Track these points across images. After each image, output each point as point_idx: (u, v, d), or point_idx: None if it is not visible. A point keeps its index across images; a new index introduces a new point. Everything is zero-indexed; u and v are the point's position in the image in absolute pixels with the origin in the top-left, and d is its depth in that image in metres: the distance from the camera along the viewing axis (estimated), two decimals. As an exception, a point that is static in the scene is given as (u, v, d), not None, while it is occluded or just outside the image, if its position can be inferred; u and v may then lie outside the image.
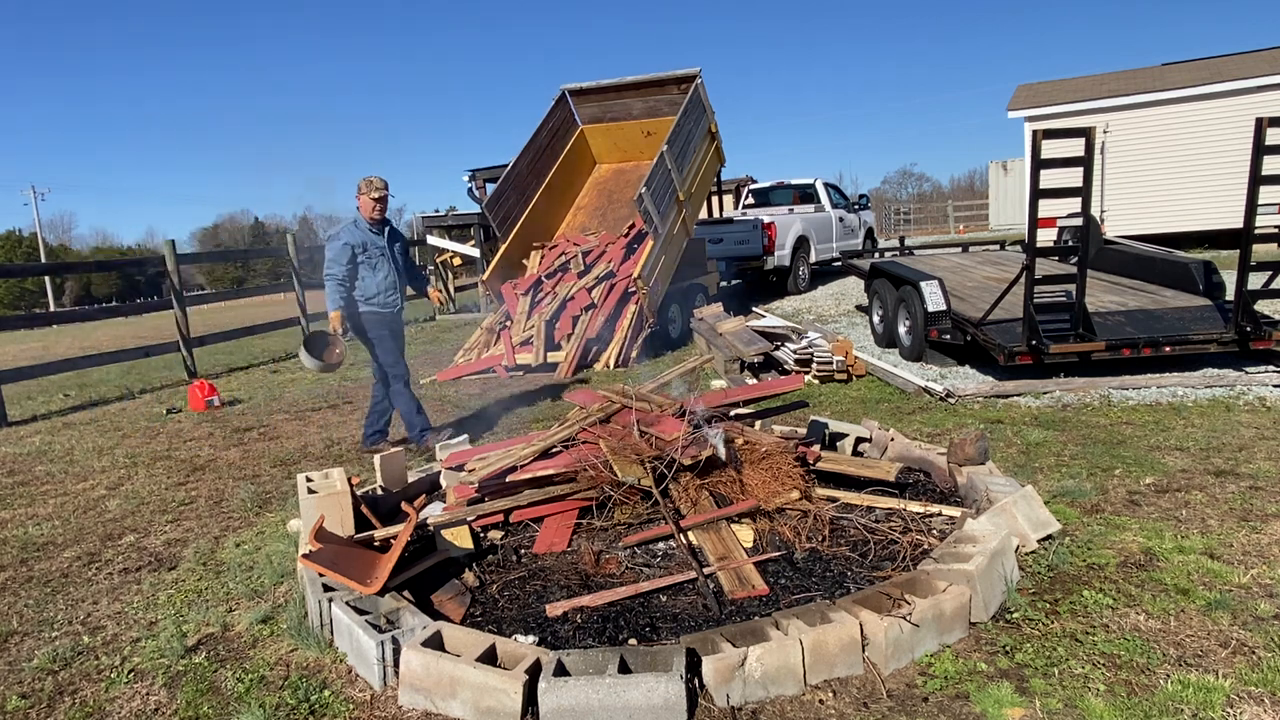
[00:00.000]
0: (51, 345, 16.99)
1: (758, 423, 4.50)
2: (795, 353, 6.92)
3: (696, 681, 2.40)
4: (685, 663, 2.35)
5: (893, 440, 4.34)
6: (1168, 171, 14.77)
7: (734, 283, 14.50)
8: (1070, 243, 8.29)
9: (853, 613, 2.58)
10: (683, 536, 3.25)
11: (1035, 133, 5.65)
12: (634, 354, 8.35)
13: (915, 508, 3.55)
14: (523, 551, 3.41)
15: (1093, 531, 3.43)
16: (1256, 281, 6.02)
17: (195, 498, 4.90)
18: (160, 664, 2.90)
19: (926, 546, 3.17)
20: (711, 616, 2.81)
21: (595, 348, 8.45)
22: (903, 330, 7.54)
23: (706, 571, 3.04)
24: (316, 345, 5.33)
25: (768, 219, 12.81)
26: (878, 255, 10.43)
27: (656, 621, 2.79)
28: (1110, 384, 5.88)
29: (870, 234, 16.64)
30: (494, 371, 8.50)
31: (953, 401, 5.82)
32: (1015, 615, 2.78)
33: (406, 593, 3.02)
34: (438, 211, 18.92)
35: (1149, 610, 2.78)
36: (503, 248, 9.96)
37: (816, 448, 4.11)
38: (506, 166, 10.25)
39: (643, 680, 2.28)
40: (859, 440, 4.43)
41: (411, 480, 4.24)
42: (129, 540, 4.24)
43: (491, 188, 10.60)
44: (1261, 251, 7.40)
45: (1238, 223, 5.83)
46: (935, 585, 2.75)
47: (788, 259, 13.06)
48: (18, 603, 3.53)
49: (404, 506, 3.25)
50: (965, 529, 3.11)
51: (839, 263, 12.28)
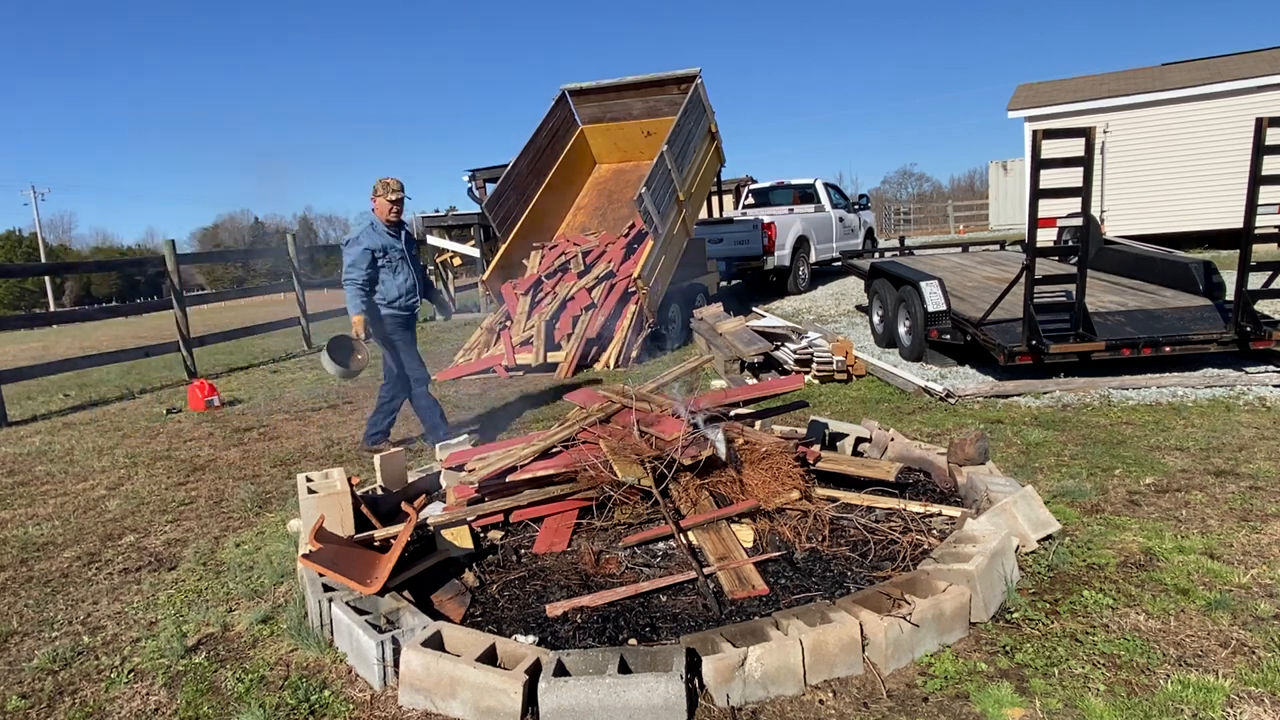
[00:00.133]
0: (51, 345, 16.98)
1: (758, 423, 4.50)
2: (795, 353, 6.92)
3: (696, 681, 2.40)
4: (685, 663, 2.35)
5: (893, 440, 4.34)
6: (1168, 171, 14.77)
7: (734, 283, 14.50)
8: (1070, 243, 8.28)
9: (853, 613, 2.58)
10: (683, 536, 3.25)
11: (1035, 133, 5.65)
12: (634, 354, 8.35)
13: (915, 508, 3.55)
14: (523, 551, 3.42)
15: (1093, 531, 3.43)
16: (1256, 281, 6.02)
17: (195, 498, 4.91)
18: (160, 664, 2.90)
19: (926, 546, 3.17)
20: (711, 616, 2.81)
21: (595, 348, 8.46)
22: (903, 330, 7.54)
23: (706, 571, 3.04)
24: (339, 350, 5.20)
25: (768, 219, 12.81)
26: (878, 255, 10.42)
27: (656, 621, 2.79)
28: (1110, 384, 5.88)
29: (870, 234, 16.64)
30: (494, 371, 8.50)
31: (953, 401, 5.82)
32: (1015, 615, 2.78)
33: (406, 593, 3.02)
34: (438, 211, 18.92)
35: (1149, 610, 2.78)
36: (503, 248, 9.97)
37: (816, 448, 4.11)
38: (506, 166, 10.25)
39: (643, 680, 2.28)
40: (859, 440, 4.43)
41: (411, 480, 4.24)
42: (129, 540, 4.24)
43: (491, 188, 10.60)
44: (1261, 251, 7.40)
45: (1238, 223, 5.83)
46: (935, 585, 2.75)
47: (788, 259, 13.07)
48: (18, 603, 3.53)
49: (404, 506, 3.25)
50: (965, 529, 3.11)
51: (839, 263, 12.28)
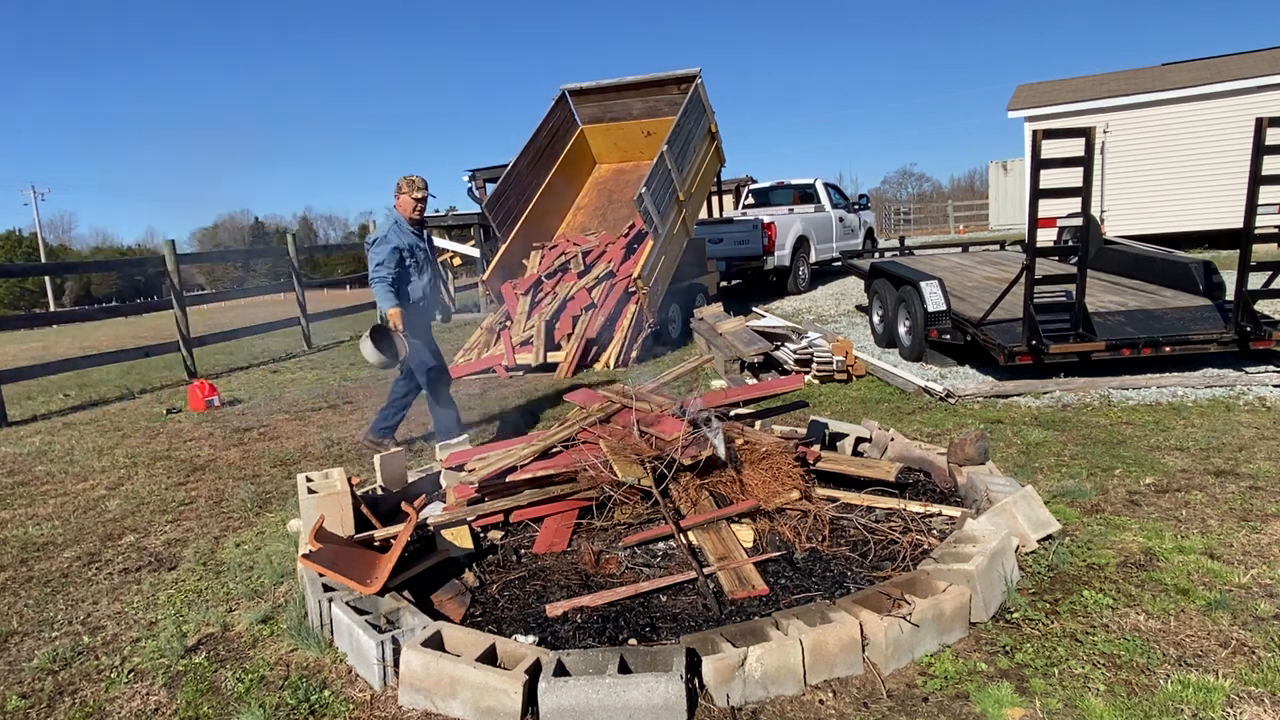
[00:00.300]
0: (51, 345, 16.97)
1: (758, 423, 4.50)
2: (795, 353, 6.92)
3: (696, 681, 2.40)
4: (685, 663, 2.35)
5: (893, 440, 4.34)
6: (1168, 171, 14.76)
7: (734, 283, 14.50)
8: (1070, 243, 8.28)
9: (853, 613, 2.58)
10: (683, 536, 3.25)
11: (1035, 133, 5.65)
12: (634, 354, 8.35)
13: (915, 508, 3.55)
14: (523, 551, 3.42)
15: (1093, 531, 3.43)
16: (1256, 281, 6.02)
17: (195, 498, 4.90)
18: (160, 664, 2.90)
19: (926, 546, 3.17)
20: (711, 616, 2.81)
21: (595, 348, 8.46)
22: (903, 330, 7.54)
23: (706, 571, 3.04)
24: (379, 339, 4.99)
25: (768, 219, 12.81)
26: (878, 255, 10.42)
27: (656, 621, 2.79)
28: (1110, 384, 5.88)
29: (870, 234, 16.64)
30: (494, 371, 8.50)
31: (953, 401, 5.82)
32: (1015, 615, 2.78)
33: (406, 593, 3.02)
34: (438, 211, 18.95)
35: (1149, 610, 2.78)
36: (503, 248, 9.96)
37: (816, 448, 4.11)
38: (506, 166, 10.25)
39: (643, 680, 2.28)
40: (859, 440, 4.43)
41: (411, 480, 4.24)
42: (129, 540, 4.24)
43: (491, 188, 10.60)
44: (1261, 251, 7.39)
45: (1238, 223, 5.83)
46: (935, 585, 2.75)
47: (788, 259, 13.06)
48: (18, 603, 3.53)
49: (404, 506, 3.25)
50: (965, 529, 3.11)
51: (839, 263, 12.28)
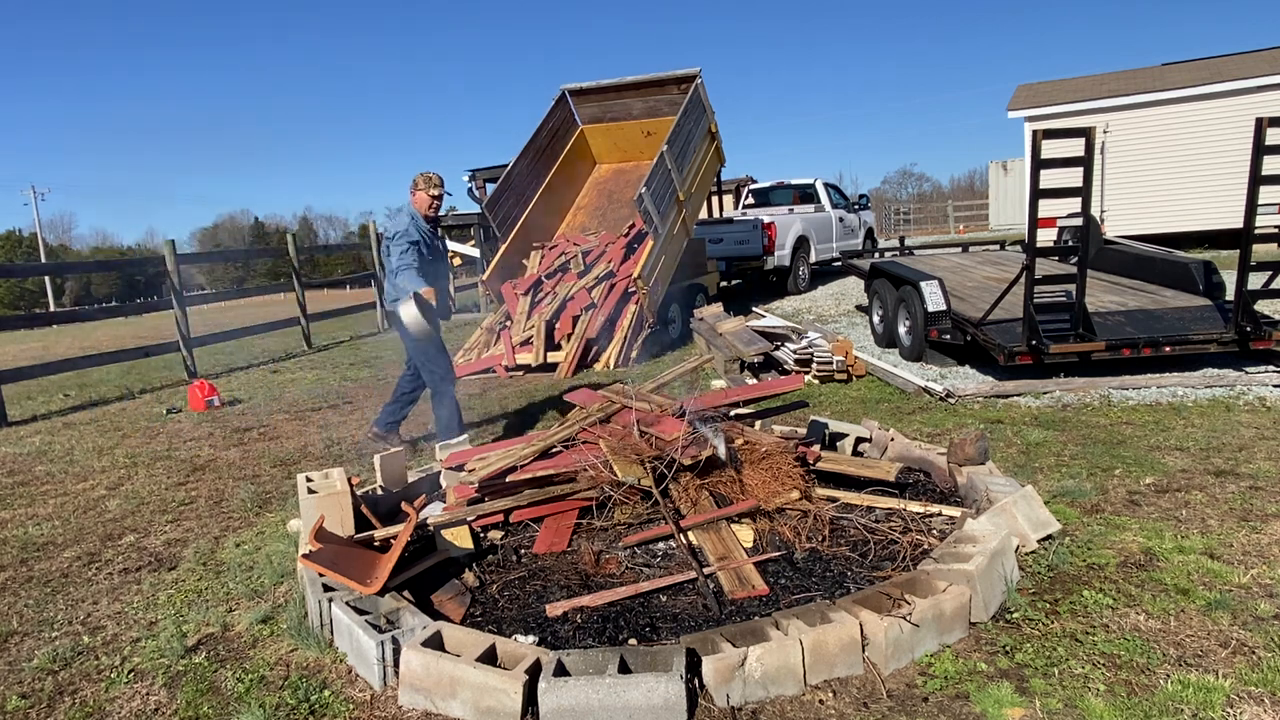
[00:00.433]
0: (51, 345, 16.97)
1: (758, 423, 4.50)
2: (795, 353, 6.92)
3: (696, 681, 2.40)
4: (685, 663, 2.35)
5: (893, 440, 4.34)
6: (1168, 171, 14.76)
7: (734, 283, 14.51)
8: (1070, 243, 8.28)
9: (853, 613, 2.58)
10: (683, 536, 3.25)
11: (1035, 133, 5.65)
12: (634, 354, 8.35)
13: (915, 508, 3.55)
14: (523, 551, 3.41)
15: (1093, 531, 3.43)
16: (1256, 281, 6.02)
17: (195, 498, 4.90)
18: (160, 664, 2.90)
19: (926, 546, 3.17)
20: (711, 616, 2.81)
21: (595, 348, 8.46)
22: (903, 330, 7.54)
23: (706, 571, 3.04)
24: (421, 308, 4.84)
25: (768, 219, 12.81)
26: (878, 255, 10.42)
27: (656, 621, 2.79)
28: (1110, 384, 5.88)
29: (870, 234, 16.64)
30: (494, 371, 8.50)
31: (953, 401, 5.82)
32: (1015, 615, 2.78)
33: (406, 593, 3.02)
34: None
35: (1149, 610, 2.78)
36: (503, 248, 9.96)
37: (816, 448, 4.11)
38: (506, 166, 10.25)
39: (643, 680, 2.28)
40: (859, 440, 4.43)
41: (411, 480, 4.24)
42: (129, 540, 4.24)
43: (491, 188, 10.60)
44: (1261, 251, 7.39)
45: (1238, 223, 5.83)
46: (935, 585, 2.75)
47: (788, 259, 13.07)
48: (18, 603, 3.53)
49: (404, 506, 3.25)
50: (965, 529, 3.11)
51: (839, 263, 12.28)
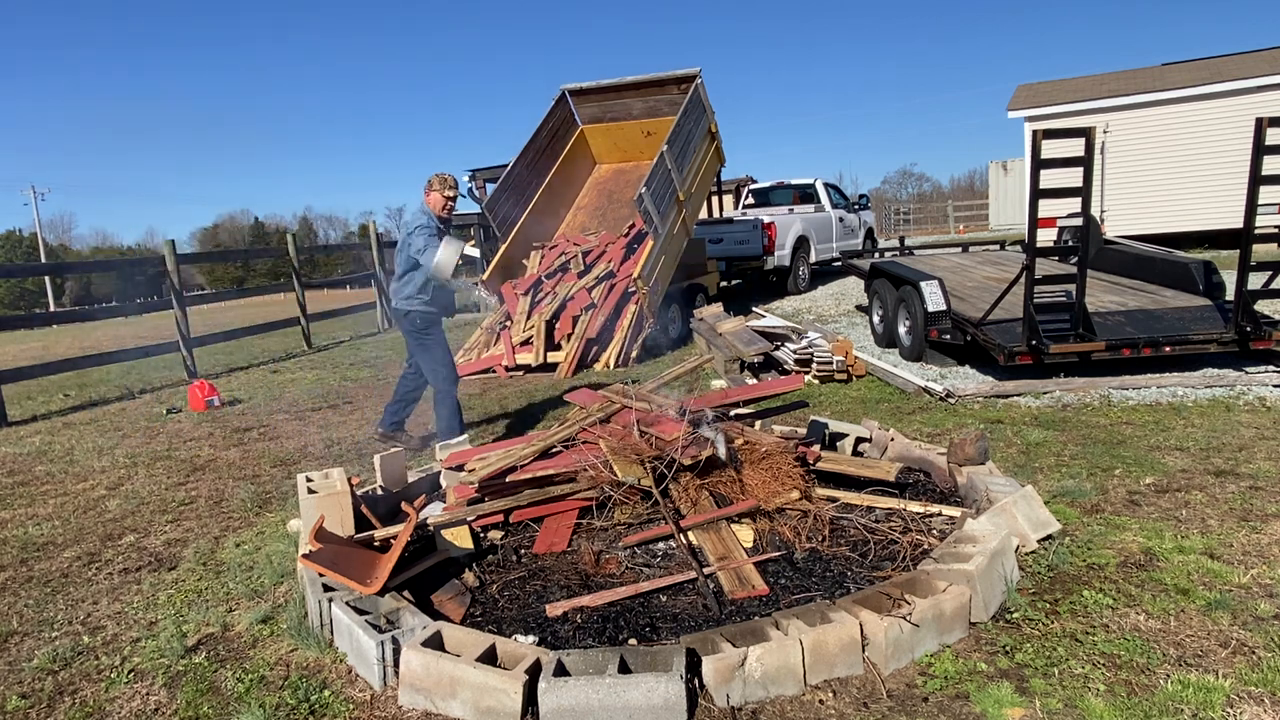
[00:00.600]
0: (51, 345, 16.97)
1: (758, 423, 4.50)
2: (795, 353, 6.92)
3: (696, 681, 2.40)
4: (685, 663, 2.35)
5: (893, 440, 4.34)
6: (1168, 171, 14.77)
7: (734, 283, 14.51)
8: (1070, 243, 8.28)
9: (853, 613, 2.58)
10: (683, 536, 3.25)
11: (1035, 133, 5.65)
12: (634, 354, 8.35)
13: (915, 508, 3.55)
14: (523, 551, 3.41)
15: (1093, 531, 3.43)
16: (1256, 281, 6.02)
17: (195, 498, 4.90)
18: (160, 664, 2.90)
19: (926, 546, 3.17)
20: (711, 616, 2.81)
21: (595, 348, 8.46)
22: (903, 330, 7.54)
23: (706, 571, 3.04)
24: (451, 248, 4.88)
25: (768, 219, 12.81)
26: (878, 255, 10.42)
27: (656, 621, 2.79)
28: (1110, 384, 5.88)
29: (870, 234, 16.64)
30: (494, 371, 8.50)
31: (953, 401, 5.82)
32: (1015, 615, 2.78)
33: (406, 593, 3.02)
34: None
35: (1149, 610, 2.78)
36: (503, 248, 9.97)
37: (816, 448, 4.11)
38: (506, 167, 10.25)
39: (643, 680, 2.28)
40: (859, 440, 4.43)
41: (411, 480, 4.24)
42: (129, 540, 4.24)
43: (491, 188, 10.60)
44: (1261, 251, 7.40)
45: (1238, 223, 5.83)
46: (935, 585, 2.75)
47: (788, 259, 13.07)
48: (18, 603, 3.53)
49: (404, 506, 3.25)
50: (965, 529, 3.11)
51: (839, 263, 12.29)
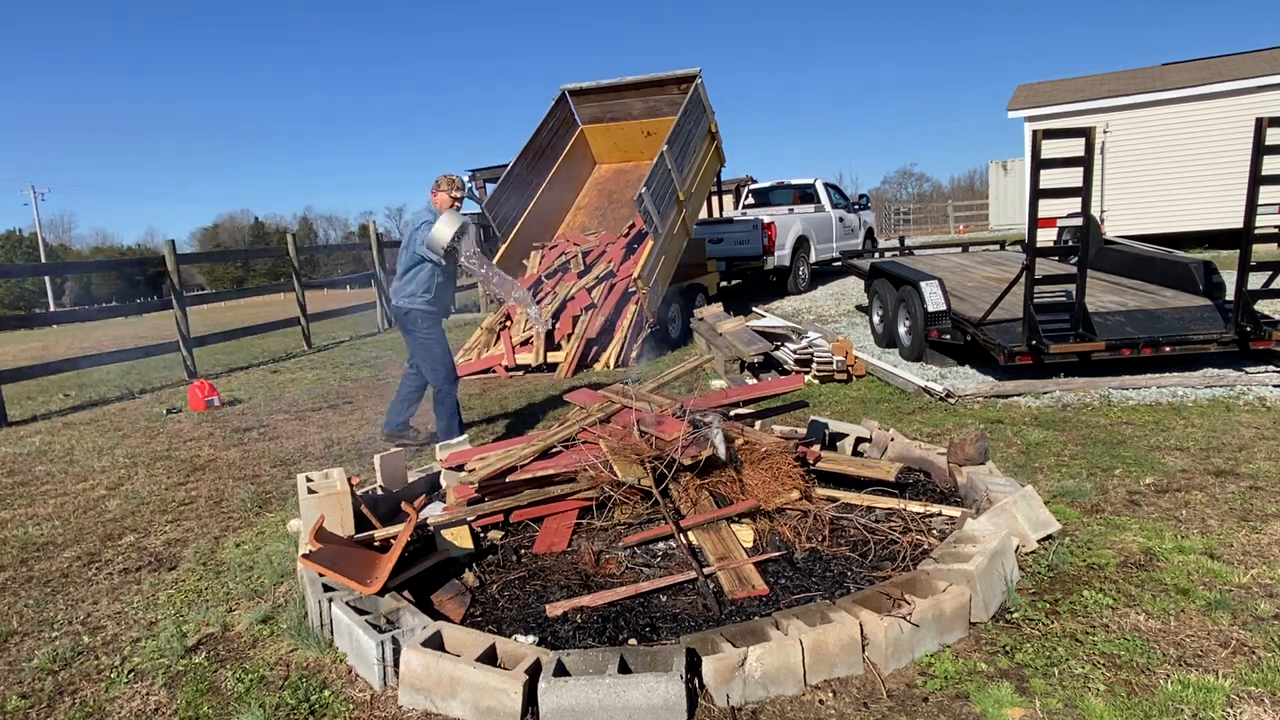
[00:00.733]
0: (51, 345, 16.98)
1: (758, 423, 4.50)
2: (795, 353, 6.92)
3: (696, 681, 2.40)
4: (685, 663, 2.35)
5: (893, 440, 4.34)
6: (1168, 171, 14.77)
7: (734, 283, 14.50)
8: (1070, 243, 8.28)
9: (853, 613, 2.58)
10: (683, 536, 3.25)
11: (1035, 133, 5.65)
12: (634, 354, 8.35)
13: (915, 508, 3.55)
14: (523, 551, 3.42)
15: (1093, 531, 3.43)
16: (1256, 281, 6.02)
17: (195, 498, 4.90)
18: (160, 664, 2.90)
19: (926, 546, 3.17)
20: (711, 616, 2.81)
21: (595, 348, 8.46)
22: (903, 330, 7.54)
23: (706, 571, 3.04)
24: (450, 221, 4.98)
25: (768, 219, 12.81)
26: (878, 255, 10.42)
27: (656, 621, 2.79)
28: (1110, 384, 5.88)
29: (870, 234, 16.64)
30: (494, 371, 8.50)
31: (953, 401, 5.82)
32: (1015, 615, 2.78)
33: (406, 593, 3.02)
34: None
35: (1149, 610, 2.78)
36: (503, 248, 9.96)
37: (816, 448, 4.11)
38: (506, 166, 10.25)
39: (643, 680, 2.28)
40: (859, 440, 4.43)
41: (411, 480, 4.24)
42: (129, 540, 4.23)
43: (491, 188, 10.60)
44: (1261, 251, 7.40)
45: (1238, 223, 5.83)
46: (935, 585, 2.75)
47: (788, 259, 13.07)
48: (18, 603, 3.53)
49: (404, 506, 3.25)
50: (965, 529, 3.11)
51: (839, 263, 12.29)
